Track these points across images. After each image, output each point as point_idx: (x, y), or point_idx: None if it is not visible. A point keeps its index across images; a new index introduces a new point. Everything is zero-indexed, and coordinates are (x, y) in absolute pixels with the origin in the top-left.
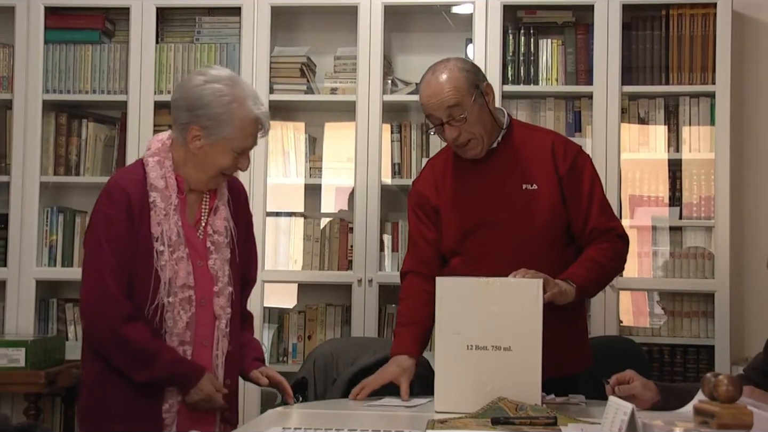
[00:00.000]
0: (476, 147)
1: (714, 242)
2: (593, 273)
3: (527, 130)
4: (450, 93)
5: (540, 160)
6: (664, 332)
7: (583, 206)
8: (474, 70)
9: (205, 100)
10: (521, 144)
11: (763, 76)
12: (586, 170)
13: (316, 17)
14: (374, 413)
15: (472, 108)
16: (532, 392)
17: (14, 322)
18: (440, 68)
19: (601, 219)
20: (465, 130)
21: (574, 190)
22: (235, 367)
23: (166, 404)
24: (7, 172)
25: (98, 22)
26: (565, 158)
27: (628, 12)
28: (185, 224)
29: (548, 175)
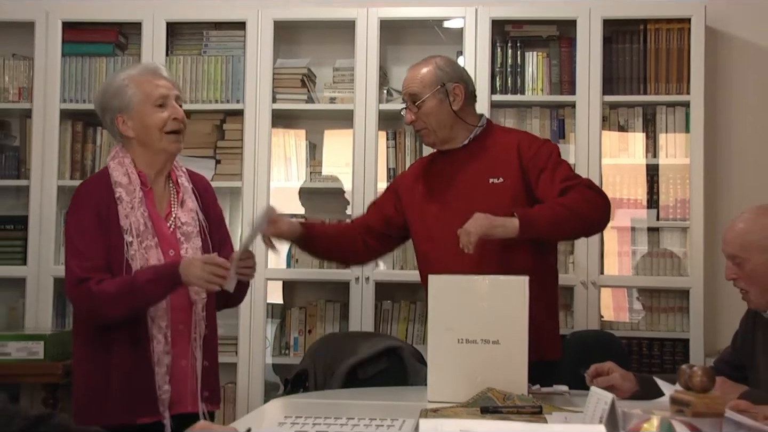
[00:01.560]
0: (428, 136)
1: (689, 242)
2: (545, 209)
3: (502, 132)
4: (415, 82)
5: (507, 157)
6: (642, 326)
7: (547, 181)
8: (449, 70)
9: (109, 92)
10: (492, 143)
11: (734, 87)
12: (551, 155)
13: (316, 31)
14: (370, 403)
15: (429, 101)
16: (518, 383)
17: (33, 317)
18: (424, 60)
19: (567, 182)
20: (419, 117)
21: (538, 170)
22: (213, 350)
23: (161, 390)
24: (27, 177)
25: (112, 36)
26: (529, 150)
27: (608, 26)
28: (155, 216)
29: (513, 170)
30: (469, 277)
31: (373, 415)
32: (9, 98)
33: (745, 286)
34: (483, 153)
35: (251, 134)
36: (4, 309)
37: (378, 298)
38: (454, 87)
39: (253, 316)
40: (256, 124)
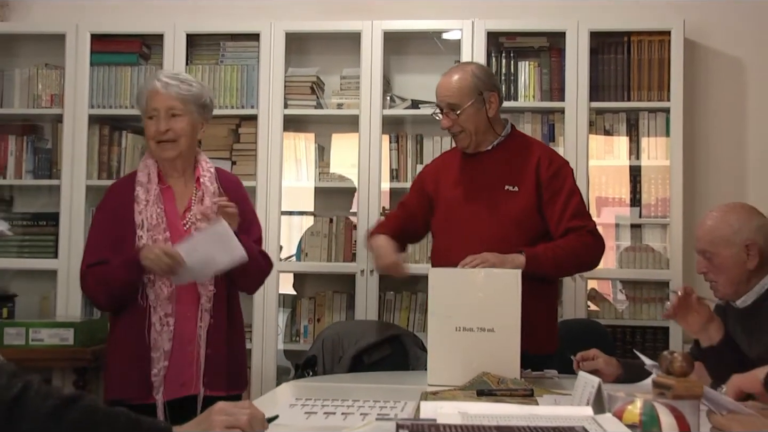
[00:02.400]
0: (464, 140)
1: (669, 238)
2: (548, 251)
3: (525, 141)
4: (452, 92)
5: (525, 168)
6: (625, 316)
7: (558, 209)
8: (486, 79)
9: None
10: (514, 152)
11: (711, 94)
12: (567, 180)
13: (325, 42)
14: (374, 387)
15: (468, 109)
16: (511, 368)
17: (64, 307)
18: (458, 68)
19: (574, 222)
20: (457, 123)
21: (553, 195)
22: (218, 339)
23: (155, 369)
24: (58, 177)
25: (136, 46)
26: (549, 168)
27: (594, 38)
28: (172, 212)
29: (529, 182)
30: (467, 270)
31: (377, 398)
32: (42, 104)
33: (713, 279)
34: (504, 160)
35: (264, 137)
36: (36, 299)
37: (381, 289)
38: (490, 95)
39: (266, 306)
40: (269, 128)
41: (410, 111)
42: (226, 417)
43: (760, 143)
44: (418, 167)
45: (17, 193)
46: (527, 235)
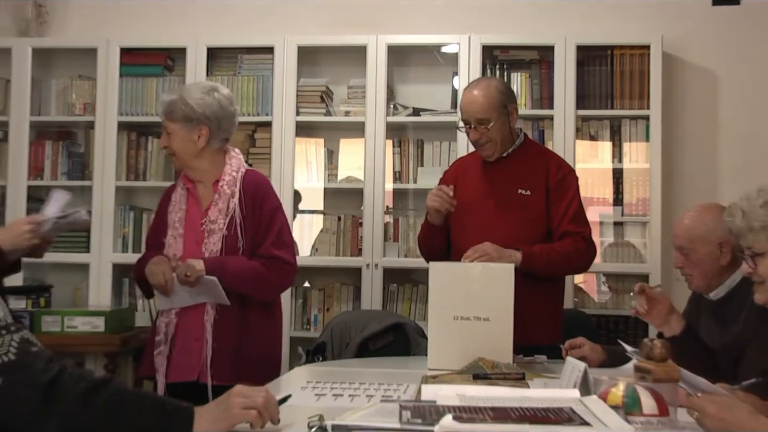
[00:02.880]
0: (490, 149)
1: (648, 235)
2: (543, 252)
3: (537, 149)
4: (481, 107)
5: (536, 174)
6: (609, 306)
7: (560, 213)
8: (507, 93)
9: None
10: (528, 159)
11: (687, 103)
12: (571, 187)
13: (333, 54)
14: (379, 371)
15: (496, 122)
16: (505, 354)
17: (96, 297)
18: (482, 84)
19: (571, 226)
20: (485, 135)
21: (557, 200)
22: (226, 334)
23: (156, 351)
24: (90, 178)
25: (161, 59)
26: (556, 174)
27: (581, 52)
28: (195, 214)
29: (540, 187)
30: (464, 264)
31: (382, 381)
32: (75, 112)
33: (689, 273)
34: (518, 166)
35: (278, 142)
36: (70, 290)
37: (386, 281)
38: (512, 108)
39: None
40: (282, 134)
41: (412, 118)
42: (244, 399)
43: (731, 148)
44: (419, 169)
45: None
46: (536, 233)
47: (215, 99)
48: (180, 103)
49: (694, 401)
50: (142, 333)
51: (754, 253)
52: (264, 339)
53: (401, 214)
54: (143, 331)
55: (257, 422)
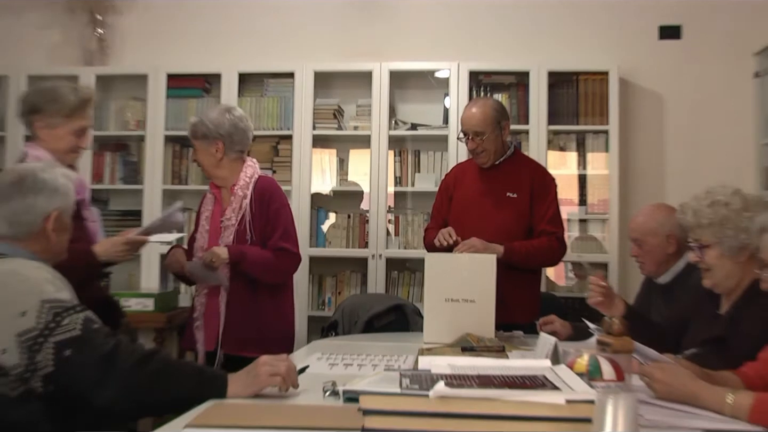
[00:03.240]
0: (484, 157)
1: (608, 230)
2: (522, 247)
3: (525, 159)
4: (479, 122)
5: (523, 180)
6: (575, 289)
7: (540, 214)
8: (502, 111)
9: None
10: (516, 167)
11: (639, 120)
12: (550, 192)
13: (344, 78)
14: (382, 344)
15: (490, 135)
16: (488, 329)
17: (146, 281)
18: (480, 103)
19: (549, 226)
20: (481, 145)
21: (539, 203)
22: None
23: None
24: (141, 183)
25: (200, 83)
26: (540, 180)
27: (551, 77)
28: (217, 213)
29: (525, 191)
30: (455, 255)
31: (385, 353)
32: (129, 128)
33: (642, 260)
34: (507, 173)
35: (298, 152)
36: (125, 275)
37: (388, 269)
38: (505, 124)
39: (299, 282)
40: (301, 145)
41: (410, 132)
42: (270, 367)
43: (675, 157)
44: (417, 175)
45: (111, 195)
46: (521, 228)
47: (227, 119)
48: (200, 124)
49: (644, 369)
50: (184, 312)
51: (702, 245)
52: (272, 317)
53: (401, 213)
54: (185, 310)
55: (282, 386)
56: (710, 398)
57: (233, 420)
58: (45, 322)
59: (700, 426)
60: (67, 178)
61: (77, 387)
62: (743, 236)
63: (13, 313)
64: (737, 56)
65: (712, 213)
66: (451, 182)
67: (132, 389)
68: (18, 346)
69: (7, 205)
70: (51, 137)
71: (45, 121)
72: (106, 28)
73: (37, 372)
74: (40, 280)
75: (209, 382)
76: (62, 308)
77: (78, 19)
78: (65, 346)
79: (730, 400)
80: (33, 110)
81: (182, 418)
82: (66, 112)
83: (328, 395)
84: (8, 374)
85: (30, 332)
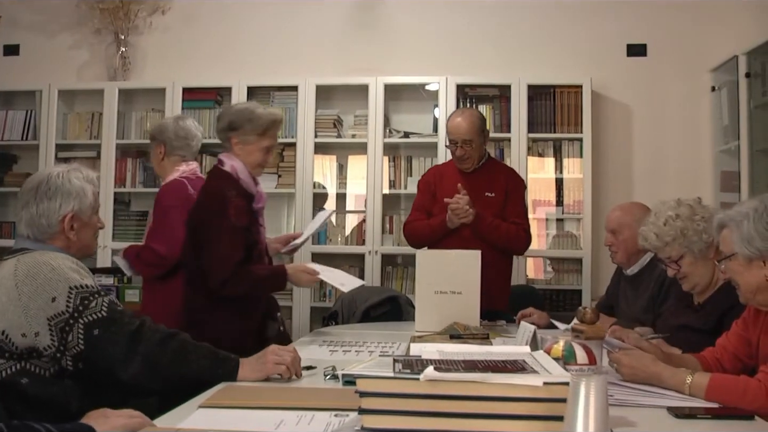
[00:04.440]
0: (469, 163)
1: (582, 228)
2: (494, 222)
3: (498, 164)
4: (467, 131)
5: (499, 181)
6: (552, 282)
7: (511, 209)
8: (484, 120)
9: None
10: (492, 171)
11: (609, 129)
12: (520, 192)
13: (343, 91)
14: (378, 332)
15: (476, 141)
16: (473, 319)
17: None
18: (466, 113)
19: (518, 219)
20: (467, 152)
21: (511, 202)
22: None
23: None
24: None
25: (212, 95)
26: (513, 182)
27: (531, 90)
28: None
29: (501, 191)
30: (444, 251)
31: (380, 341)
32: (149, 136)
33: (615, 249)
34: (485, 175)
35: (301, 158)
36: None
37: (383, 264)
38: (486, 132)
39: None
40: (304, 152)
41: (403, 140)
42: (276, 356)
43: (642, 162)
44: (409, 179)
45: (133, 197)
46: None
47: (171, 126)
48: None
49: (612, 356)
50: None
51: (674, 259)
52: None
53: (395, 213)
54: None
55: (285, 374)
56: (671, 379)
57: (242, 401)
58: (74, 306)
59: (662, 404)
60: (84, 180)
61: (105, 363)
62: (705, 236)
63: (46, 299)
64: (696, 72)
65: (670, 229)
66: (432, 180)
67: (154, 365)
68: (50, 329)
69: (26, 211)
70: (244, 152)
71: (240, 137)
72: (129, 47)
73: (67, 352)
74: (66, 268)
75: (223, 363)
76: (88, 293)
77: (103, 40)
78: (93, 326)
79: (689, 380)
80: (231, 127)
81: (195, 400)
82: (259, 131)
83: (328, 378)
84: (42, 355)
85: (61, 316)
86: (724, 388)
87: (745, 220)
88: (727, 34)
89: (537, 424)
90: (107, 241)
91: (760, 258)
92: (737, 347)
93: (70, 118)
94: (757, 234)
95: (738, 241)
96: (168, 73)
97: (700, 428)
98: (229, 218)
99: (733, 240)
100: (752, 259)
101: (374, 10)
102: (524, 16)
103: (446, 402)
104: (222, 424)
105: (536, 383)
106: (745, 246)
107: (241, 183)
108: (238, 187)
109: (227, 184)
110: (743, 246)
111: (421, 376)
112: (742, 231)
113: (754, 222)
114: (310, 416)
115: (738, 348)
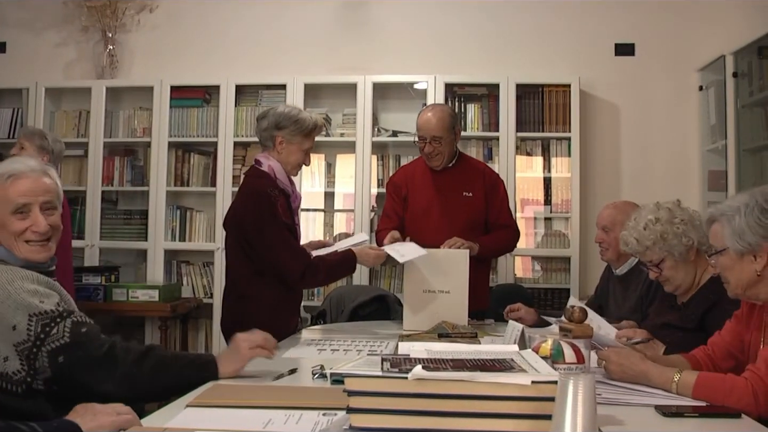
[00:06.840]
0: (439, 160)
1: (570, 227)
2: (491, 242)
3: (470, 160)
4: (436, 127)
5: (475, 180)
6: (540, 281)
7: (495, 210)
8: (455, 117)
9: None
10: (465, 168)
11: (597, 128)
12: (500, 189)
13: (332, 90)
14: (367, 331)
15: (446, 139)
16: (461, 318)
17: (152, 274)
18: (437, 109)
19: (504, 219)
20: (437, 149)
21: (492, 200)
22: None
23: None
24: (147, 185)
25: (200, 93)
26: (490, 180)
27: (519, 89)
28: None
29: (479, 190)
30: (432, 250)
31: (368, 339)
32: (137, 135)
33: (606, 246)
34: (459, 174)
35: None
36: (133, 269)
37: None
38: (458, 129)
39: None
40: None
41: (391, 138)
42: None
43: (629, 161)
44: None
45: (121, 196)
46: (474, 226)
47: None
48: None
49: (601, 353)
50: (187, 302)
51: (655, 263)
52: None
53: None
54: (188, 300)
55: (263, 354)
56: (659, 377)
57: (230, 400)
58: (36, 333)
59: (650, 402)
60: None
61: (80, 385)
62: (685, 239)
63: (7, 326)
64: (684, 72)
65: (650, 233)
66: (401, 183)
67: (134, 384)
68: (17, 354)
69: None
70: (286, 151)
71: (286, 137)
72: (116, 45)
73: (38, 376)
74: (23, 293)
75: (203, 368)
76: (49, 318)
77: (91, 37)
78: (57, 353)
79: (677, 378)
80: (278, 126)
81: (183, 399)
82: (305, 132)
83: (316, 377)
84: (12, 379)
85: (24, 343)
86: (711, 387)
87: (736, 214)
88: (714, 33)
89: (525, 422)
90: (95, 240)
91: (751, 252)
92: (731, 344)
93: (58, 116)
94: (748, 228)
95: (729, 236)
96: (156, 71)
97: (688, 427)
98: (280, 215)
99: (725, 235)
100: (744, 253)
101: (363, 9)
102: (513, 15)
103: (435, 401)
104: (209, 423)
105: (524, 382)
106: (736, 240)
107: (278, 182)
108: (277, 186)
109: (267, 182)
110: (735, 240)
111: (409, 375)
112: (734, 225)
113: (746, 216)
114: (298, 415)
115: (732, 344)
